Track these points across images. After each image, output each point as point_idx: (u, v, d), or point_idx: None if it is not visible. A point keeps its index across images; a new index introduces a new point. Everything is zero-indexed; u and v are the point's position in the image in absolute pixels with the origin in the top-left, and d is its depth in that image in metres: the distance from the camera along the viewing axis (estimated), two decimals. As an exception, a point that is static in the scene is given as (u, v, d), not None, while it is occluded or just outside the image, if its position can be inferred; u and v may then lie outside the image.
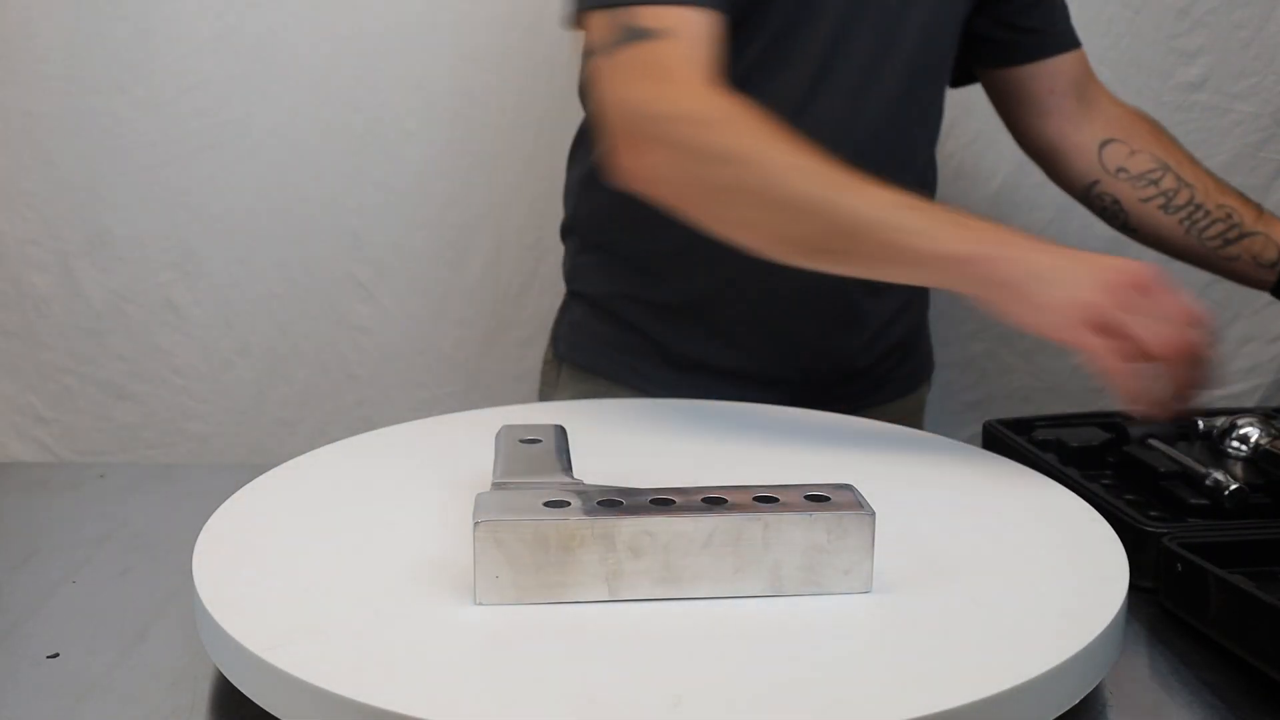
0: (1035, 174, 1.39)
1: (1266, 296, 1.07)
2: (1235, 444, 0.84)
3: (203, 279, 1.38)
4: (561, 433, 0.75)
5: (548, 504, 0.59)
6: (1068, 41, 1.05)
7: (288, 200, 1.37)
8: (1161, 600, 0.71)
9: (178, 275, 1.37)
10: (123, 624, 0.68)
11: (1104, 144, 1.02)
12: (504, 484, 0.67)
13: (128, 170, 1.35)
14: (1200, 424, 0.87)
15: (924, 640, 0.57)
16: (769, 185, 0.75)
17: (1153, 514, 0.76)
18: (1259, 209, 1.00)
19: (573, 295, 1.09)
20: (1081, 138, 1.05)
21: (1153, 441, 0.86)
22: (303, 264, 1.38)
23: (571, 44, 0.98)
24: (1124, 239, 1.42)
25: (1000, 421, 0.93)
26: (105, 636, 0.67)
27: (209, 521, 0.68)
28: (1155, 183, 0.98)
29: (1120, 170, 1.01)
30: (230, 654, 0.56)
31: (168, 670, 0.63)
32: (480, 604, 0.58)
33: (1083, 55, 1.05)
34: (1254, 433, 0.83)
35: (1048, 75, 1.04)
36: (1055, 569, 0.65)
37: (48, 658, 0.64)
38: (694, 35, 0.81)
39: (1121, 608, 0.60)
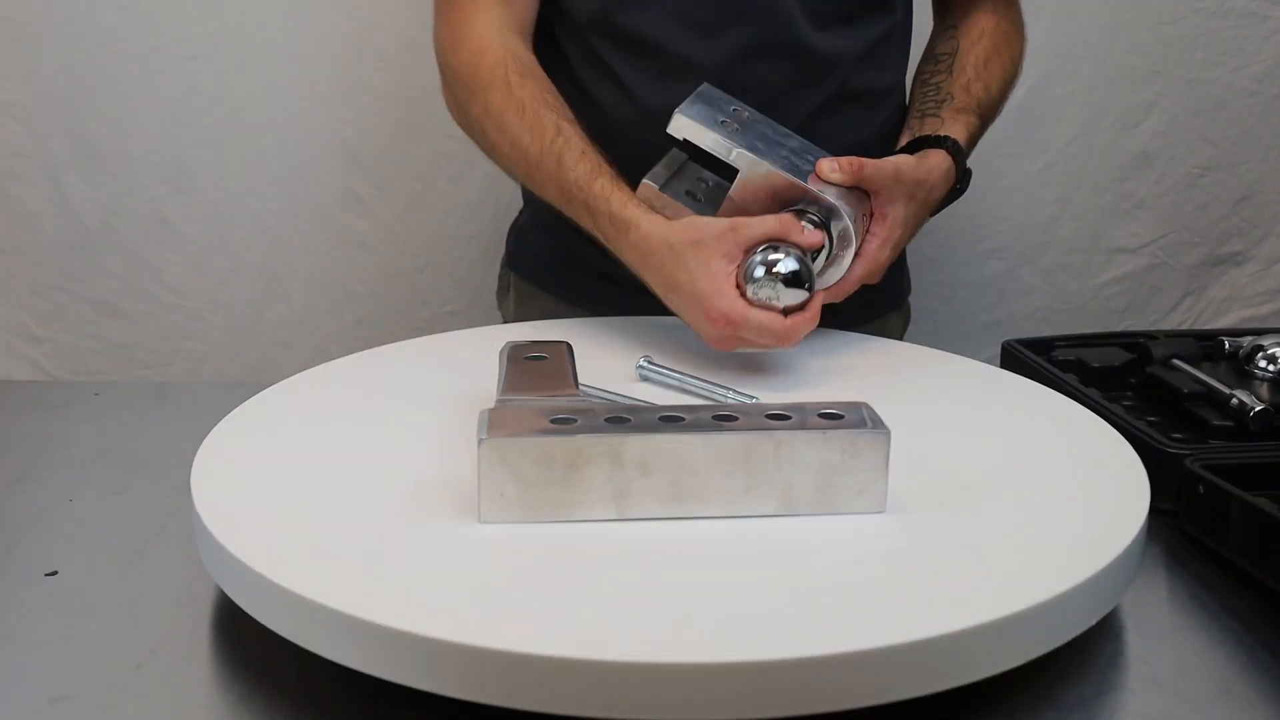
0: (1060, 85, 1.37)
1: None
2: (1262, 364, 0.84)
3: (195, 194, 1.37)
4: (567, 349, 0.75)
5: (554, 420, 0.60)
6: None
7: (282, 111, 1.35)
8: (1182, 524, 0.71)
9: (170, 190, 1.36)
10: (121, 542, 0.69)
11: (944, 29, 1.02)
12: (508, 401, 0.67)
13: (116, 80, 1.33)
14: (1226, 344, 0.87)
15: (938, 561, 0.57)
16: (493, 152, 0.92)
17: (1175, 435, 0.76)
18: (972, 113, 0.96)
19: (525, 201, 1.11)
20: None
21: (1176, 362, 0.86)
22: (298, 178, 1.37)
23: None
24: (1149, 155, 1.41)
25: (1019, 341, 0.93)
26: (104, 555, 0.68)
27: (207, 439, 0.69)
28: (936, 60, 0.99)
29: (931, 47, 1.02)
30: (232, 572, 0.57)
31: (168, 589, 0.64)
32: (485, 522, 0.59)
33: None
34: (1281, 353, 0.83)
35: None
36: (1074, 490, 0.65)
37: (46, 575, 0.65)
38: None
39: (1141, 530, 0.60)
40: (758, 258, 0.76)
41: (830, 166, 0.80)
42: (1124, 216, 1.42)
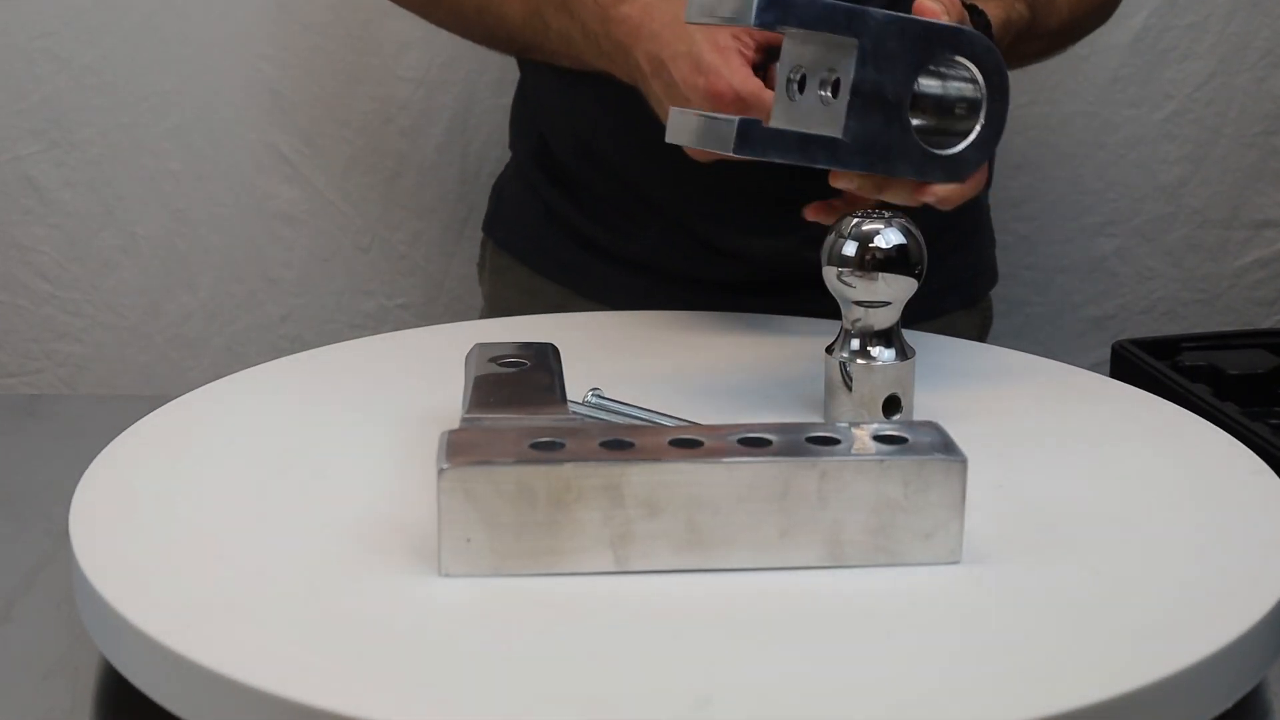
0: (1188, 12, 1.37)
1: None
2: None
3: (74, 151, 1.37)
4: (552, 353, 0.75)
5: (535, 445, 0.60)
6: None
7: (186, 45, 1.36)
8: (1344, 577, 0.71)
9: (41, 146, 1.37)
10: (-21, 601, 0.69)
11: None
12: (477, 419, 0.67)
13: (-29, 5, 1.34)
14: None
15: (1027, 625, 0.57)
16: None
17: (1336, 464, 0.77)
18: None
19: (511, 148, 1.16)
20: None
21: (1338, 369, 0.86)
22: (206, 130, 1.38)
23: None
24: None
25: (1135, 341, 0.93)
26: (-43, 617, 0.68)
27: (90, 468, 0.69)
28: None
29: None
30: (121, 638, 0.57)
31: (40, 659, 0.64)
32: (446, 575, 0.59)
33: None
34: None
35: None
36: (1205, 535, 0.65)
37: (-117, 644, 0.66)
38: None
39: (1291, 585, 0.61)
40: (848, 227, 0.74)
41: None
42: (1272, 180, 1.43)
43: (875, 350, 0.75)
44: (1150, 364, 0.90)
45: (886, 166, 0.75)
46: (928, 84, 0.76)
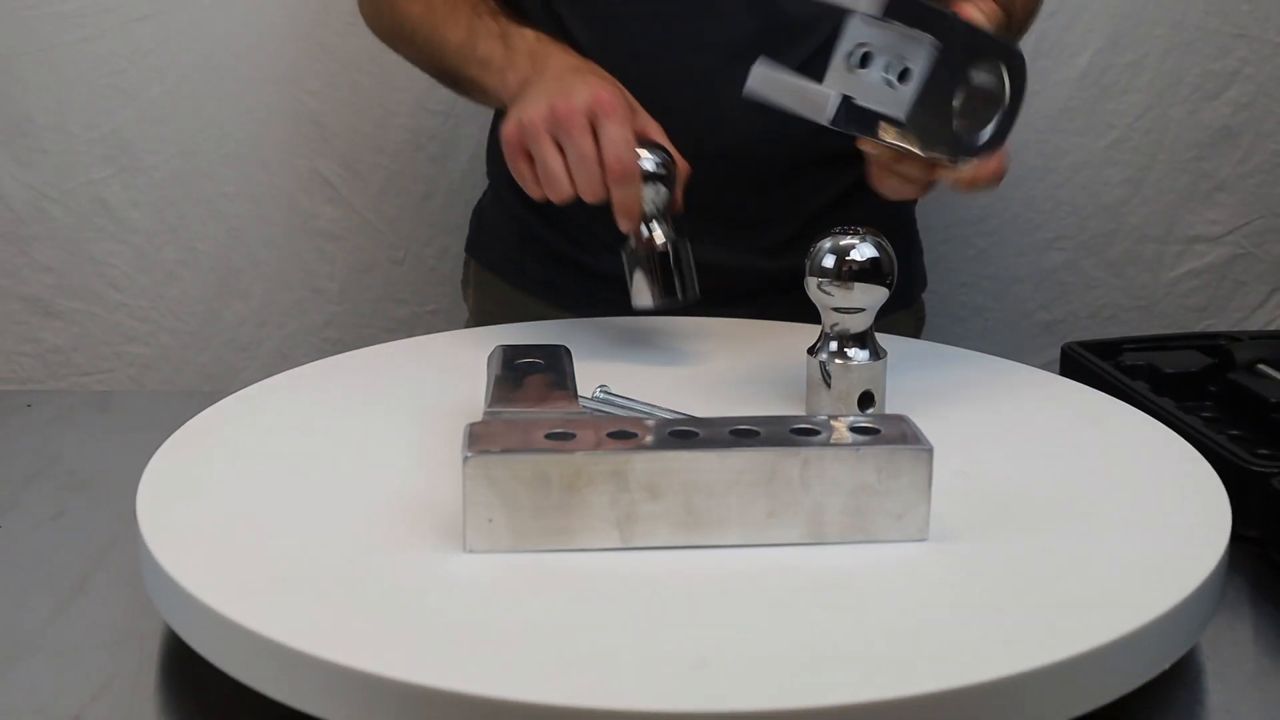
0: (1129, 51, 1.37)
1: None
2: (1361, 370, 0.84)
3: (141, 175, 1.37)
4: (566, 355, 0.75)
5: (549, 436, 0.60)
6: None
7: (239, 82, 1.36)
8: (1269, 552, 0.71)
9: (112, 171, 1.37)
10: (57, 575, 0.69)
11: None
12: (498, 413, 0.67)
13: (49, 46, 1.34)
14: (1320, 347, 0.87)
15: (987, 596, 0.57)
16: (399, 22, 0.98)
17: (1261, 452, 0.76)
18: None
19: (489, 177, 1.16)
20: None
21: (1263, 367, 0.86)
22: (258, 158, 1.38)
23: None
24: (1232, 130, 1.41)
25: (1082, 344, 0.93)
26: (37, 589, 0.68)
27: (154, 457, 0.69)
28: None
29: None
30: (182, 608, 0.57)
31: (110, 627, 0.64)
32: (470, 552, 0.59)
33: None
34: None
35: None
36: (1144, 515, 0.65)
37: (-29, 613, 0.66)
38: None
39: (1222, 560, 0.60)
40: (826, 243, 0.74)
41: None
42: (1203, 200, 1.42)
43: (851, 351, 0.75)
44: (1095, 364, 0.90)
45: (926, 147, 0.75)
46: (972, 79, 0.76)
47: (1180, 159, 1.41)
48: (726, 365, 0.85)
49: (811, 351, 0.76)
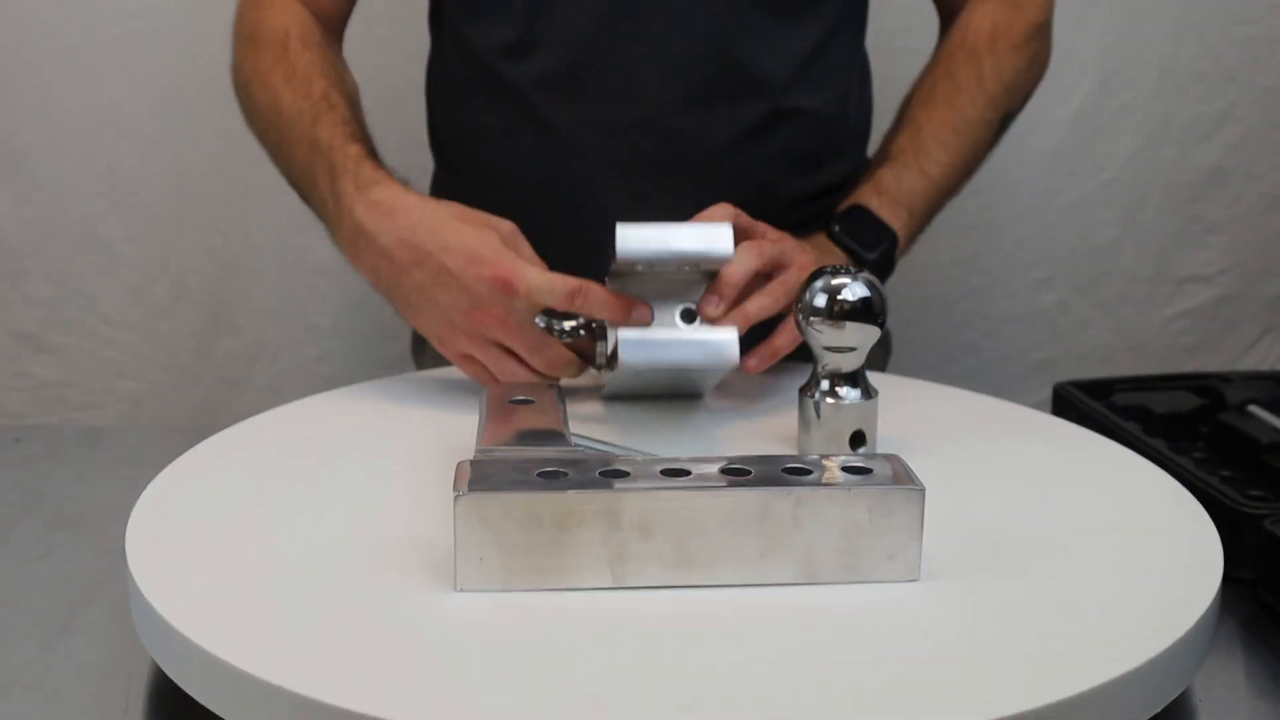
0: (1120, 93, 1.38)
1: None
2: (1351, 412, 0.84)
3: (134, 210, 1.38)
4: (557, 394, 0.75)
5: (541, 474, 0.60)
6: None
7: (234, 117, 1.36)
8: (1261, 593, 0.71)
9: (105, 206, 1.37)
10: (45, 613, 0.69)
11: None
12: (489, 451, 0.67)
13: (44, 80, 1.34)
14: (1310, 388, 0.87)
15: (979, 637, 0.57)
16: (251, 116, 0.97)
17: (1252, 493, 0.76)
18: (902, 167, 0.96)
19: None
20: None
21: (1253, 408, 0.86)
22: (252, 192, 1.38)
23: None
24: (1222, 171, 1.42)
25: (1074, 383, 0.93)
26: (24, 627, 0.68)
27: (143, 495, 0.69)
28: (912, 93, 1.01)
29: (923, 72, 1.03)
30: (171, 647, 0.57)
31: (97, 665, 0.64)
32: (462, 591, 0.59)
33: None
34: (1374, 399, 0.83)
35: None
36: (1135, 556, 0.65)
37: (-43, 650, 0.65)
38: None
39: (1214, 602, 0.60)
40: (818, 283, 0.74)
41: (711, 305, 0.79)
42: (1194, 241, 1.43)
43: (843, 390, 0.75)
44: (1087, 403, 0.90)
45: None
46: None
47: (1171, 200, 1.42)
48: (715, 403, 0.85)
49: (803, 390, 0.76)
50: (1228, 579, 0.63)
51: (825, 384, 0.75)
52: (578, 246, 0.82)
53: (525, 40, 0.96)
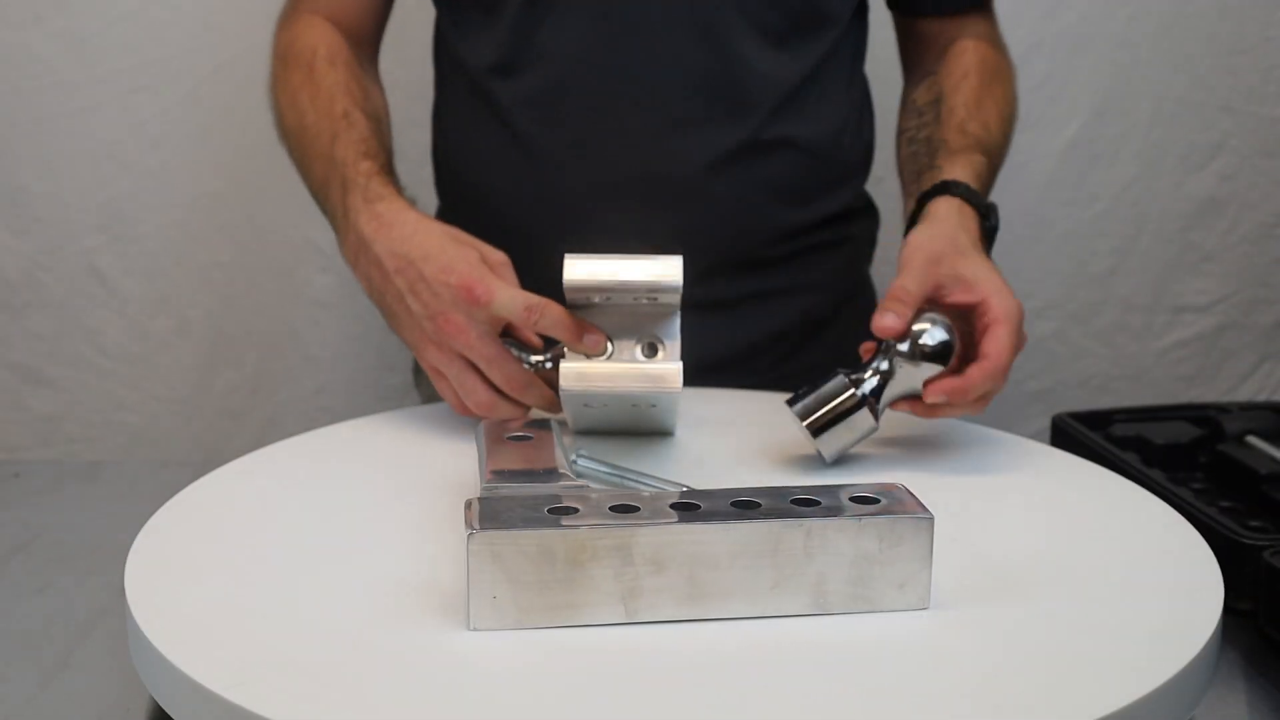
0: (1115, 123, 1.39)
1: None
2: (1352, 441, 0.84)
3: (134, 244, 1.38)
4: (555, 428, 0.75)
5: (552, 510, 0.60)
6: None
7: (232, 152, 1.37)
8: (1261, 625, 0.71)
9: (105, 240, 1.37)
10: (42, 649, 0.69)
11: (922, 78, 1.03)
12: (495, 488, 0.67)
13: (46, 116, 1.34)
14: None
15: (987, 666, 0.57)
16: (281, 130, 0.98)
17: (1252, 524, 0.76)
18: (974, 150, 0.96)
19: None
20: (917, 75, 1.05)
21: (1252, 439, 0.86)
22: (251, 227, 1.38)
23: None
24: (1217, 201, 1.42)
25: (1072, 414, 0.93)
26: (22, 663, 0.67)
27: (143, 531, 0.68)
28: (920, 113, 1.00)
29: (910, 101, 1.03)
30: (172, 687, 0.56)
31: (95, 701, 0.64)
32: (474, 629, 0.58)
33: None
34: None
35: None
36: (1137, 587, 0.65)
37: (-40, 687, 0.65)
38: None
39: (1215, 633, 0.60)
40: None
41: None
42: (1190, 270, 1.44)
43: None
44: (1086, 434, 0.90)
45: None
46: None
47: (1167, 229, 1.42)
48: (706, 433, 0.85)
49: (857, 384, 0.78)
50: (1228, 610, 0.63)
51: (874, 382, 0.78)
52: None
53: (512, 59, 0.97)
